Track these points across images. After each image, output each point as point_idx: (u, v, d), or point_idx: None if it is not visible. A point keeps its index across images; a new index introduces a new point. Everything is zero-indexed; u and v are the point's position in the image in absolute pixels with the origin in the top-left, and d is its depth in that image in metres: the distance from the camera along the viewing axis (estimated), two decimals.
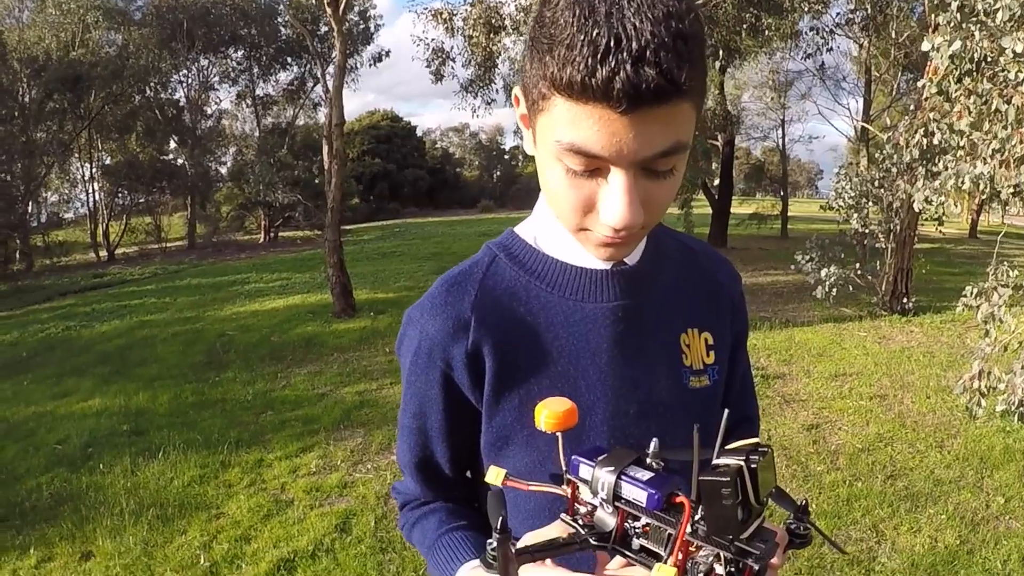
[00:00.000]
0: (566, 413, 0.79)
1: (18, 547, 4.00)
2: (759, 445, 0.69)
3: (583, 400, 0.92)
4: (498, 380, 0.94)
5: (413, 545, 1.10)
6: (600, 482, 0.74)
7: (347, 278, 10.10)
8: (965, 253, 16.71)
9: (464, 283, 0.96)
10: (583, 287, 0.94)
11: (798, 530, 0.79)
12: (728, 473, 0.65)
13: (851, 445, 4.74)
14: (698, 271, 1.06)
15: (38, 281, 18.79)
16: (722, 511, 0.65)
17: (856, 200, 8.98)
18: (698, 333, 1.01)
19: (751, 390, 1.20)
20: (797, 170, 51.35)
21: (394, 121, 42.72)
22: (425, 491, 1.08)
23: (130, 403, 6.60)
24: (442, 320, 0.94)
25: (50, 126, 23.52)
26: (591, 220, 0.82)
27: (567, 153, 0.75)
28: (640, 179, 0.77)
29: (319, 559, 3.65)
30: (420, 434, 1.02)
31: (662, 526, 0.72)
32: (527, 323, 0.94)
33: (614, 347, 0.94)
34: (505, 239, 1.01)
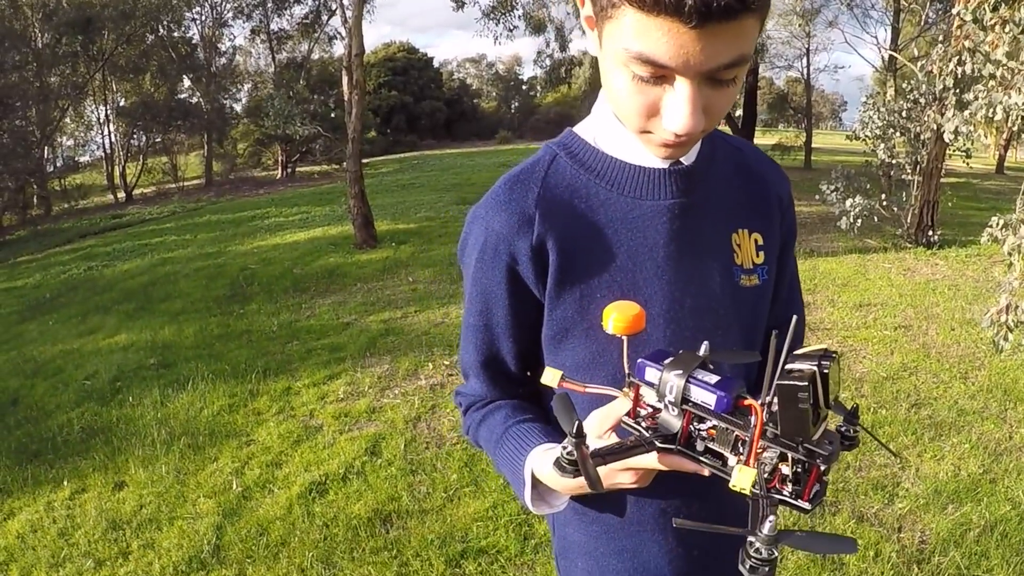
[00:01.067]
0: (635, 317, 0.81)
1: (52, 480, 4.10)
2: (827, 351, 0.70)
3: (641, 293, 0.95)
4: (561, 273, 0.96)
5: (479, 446, 1.12)
6: (668, 385, 0.74)
7: (368, 209, 10.10)
8: (992, 188, 16.40)
9: (527, 180, 0.98)
10: (641, 185, 0.96)
11: (848, 433, 0.79)
12: (804, 378, 0.65)
13: (875, 374, 4.74)
14: (749, 173, 1.07)
15: (57, 225, 18.95)
16: (797, 415, 0.66)
17: (883, 130, 8.81)
18: (748, 233, 1.03)
19: (798, 288, 1.22)
20: (821, 101, 50.34)
21: (410, 53, 42.14)
22: (491, 390, 1.11)
23: (156, 337, 6.69)
24: (507, 215, 0.96)
25: (63, 70, 23.38)
26: (654, 124, 0.83)
27: (634, 61, 0.76)
28: (703, 87, 0.77)
29: (350, 481, 3.73)
30: (486, 331, 1.05)
31: (730, 428, 0.73)
32: (588, 219, 0.96)
33: (671, 243, 0.96)
34: (565, 138, 1.02)
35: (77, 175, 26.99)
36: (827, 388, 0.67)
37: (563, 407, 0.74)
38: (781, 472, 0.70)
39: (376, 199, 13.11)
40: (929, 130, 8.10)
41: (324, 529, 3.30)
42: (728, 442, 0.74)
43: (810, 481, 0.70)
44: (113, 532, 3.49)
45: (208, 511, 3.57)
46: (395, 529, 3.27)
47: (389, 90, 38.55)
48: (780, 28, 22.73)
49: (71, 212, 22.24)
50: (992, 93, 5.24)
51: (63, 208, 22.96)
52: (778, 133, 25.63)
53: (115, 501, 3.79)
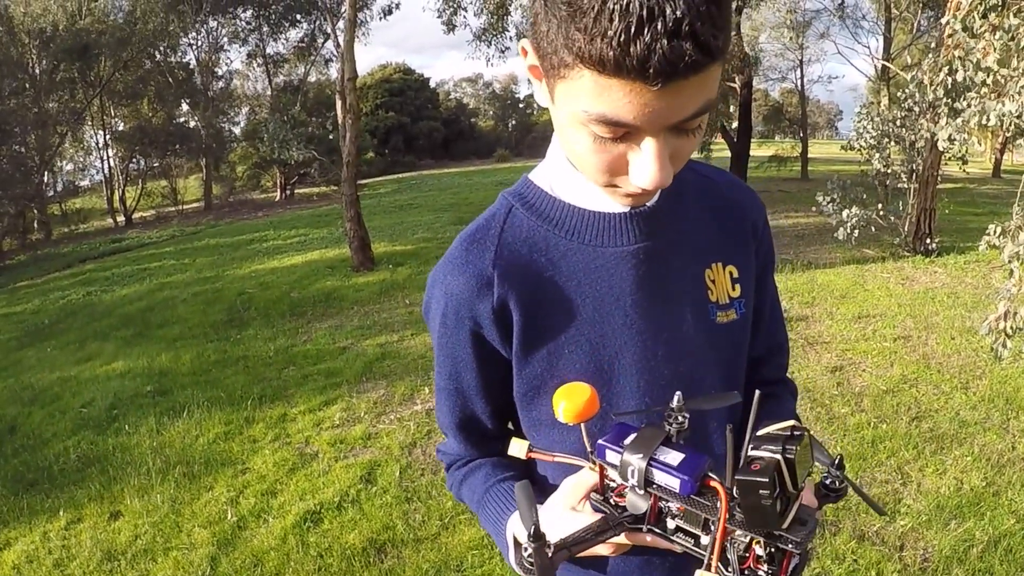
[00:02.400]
0: (587, 403, 0.77)
1: (47, 510, 4.06)
2: (794, 428, 0.65)
3: (610, 345, 0.92)
4: (525, 333, 0.93)
5: (464, 503, 1.10)
6: (630, 469, 0.71)
7: (365, 232, 10.11)
8: (989, 193, 16.38)
9: (483, 239, 0.95)
10: (602, 232, 0.92)
11: (832, 485, 0.76)
12: (765, 471, 0.61)
13: (875, 387, 4.70)
14: (719, 202, 1.03)
15: (57, 249, 18.96)
16: (760, 509, 0.62)
17: (878, 140, 8.80)
18: (722, 267, 0.99)
19: (780, 318, 1.17)
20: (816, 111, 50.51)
21: (406, 74, 42.33)
22: (469, 449, 1.09)
23: (153, 364, 6.66)
24: (465, 279, 0.93)
25: (61, 95, 23.53)
26: (620, 179, 0.80)
27: (595, 123, 0.72)
28: (669, 138, 0.75)
29: (345, 510, 3.68)
30: (458, 394, 1.02)
31: (696, 511, 0.70)
32: (549, 273, 0.93)
33: (637, 290, 0.93)
34: (520, 188, 0.99)
35: (77, 199, 27.07)
36: (794, 472, 0.63)
37: (524, 499, 0.71)
38: (755, 552, 0.67)
39: (373, 220, 13.12)
40: (923, 138, 8.09)
41: (318, 559, 3.26)
42: (698, 522, 0.71)
43: (786, 560, 0.66)
44: (108, 563, 3.44)
45: (203, 541, 3.52)
46: (390, 559, 3.23)
47: (386, 111, 38.69)
48: (773, 41, 22.86)
49: (71, 236, 22.29)
50: (985, 101, 5.23)
51: (63, 232, 23.01)
52: (774, 144, 25.70)
53: (110, 531, 3.75)
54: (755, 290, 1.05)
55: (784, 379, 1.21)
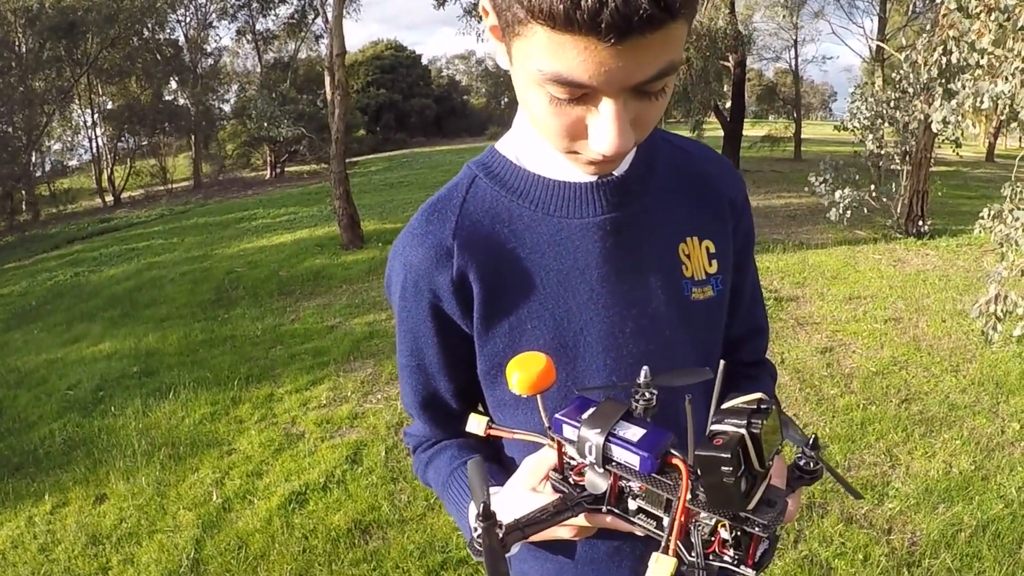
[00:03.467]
0: (541, 373, 0.72)
1: (33, 494, 4.02)
2: (761, 401, 0.60)
3: (575, 321, 0.89)
4: (486, 306, 0.90)
5: (430, 487, 1.06)
6: (588, 445, 0.67)
7: (354, 209, 10.04)
8: (982, 177, 16.37)
9: (444, 209, 0.92)
10: (568, 202, 0.88)
11: (807, 466, 0.72)
12: (728, 446, 0.56)
13: (865, 368, 4.68)
14: (695, 175, 0.98)
15: (45, 230, 18.81)
16: (722, 487, 0.57)
17: (871, 121, 8.77)
18: (698, 241, 0.94)
19: (760, 299, 1.13)
20: (810, 92, 50.34)
21: (398, 51, 41.97)
22: (434, 430, 1.05)
23: (140, 345, 6.61)
24: (424, 249, 0.90)
25: (48, 74, 23.18)
26: (580, 144, 0.76)
27: (550, 83, 0.68)
28: (630, 102, 0.71)
29: (330, 491, 3.66)
30: (420, 372, 0.99)
31: (658, 490, 0.65)
32: (511, 245, 0.89)
33: (604, 263, 0.89)
34: (485, 157, 0.96)
35: (65, 179, 26.76)
36: (760, 449, 0.58)
37: (476, 477, 0.67)
38: (720, 536, 0.62)
39: (363, 198, 13.04)
40: (917, 120, 8.05)
41: (303, 541, 3.23)
42: (660, 502, 0.67)
43: (753, 544, 0.62)
44: (93, 547, 3.41)
45: (188, 524, 3.50)
46: (375, 540, 3.21)
47: (378, 88, 38.40)
48: (767, 20, 22.72)
49: (59, 217, 22.08)
50: (979, 82, 5.19)
51: (51, 213, 22.80)
52: (767, 124, 25.61)
53: (95, 515, 3.72)
54: (734, 269, 1.00)
55: (763, 360, 1.17)
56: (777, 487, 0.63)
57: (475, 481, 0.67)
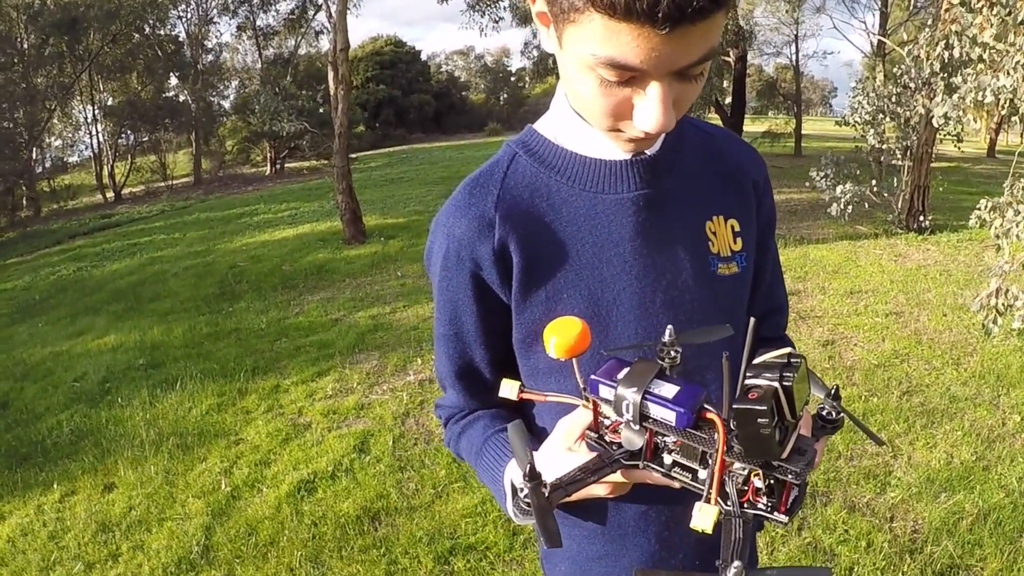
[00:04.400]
0: (578, 337, 0.75)
1: (41, 483, 4.06)
2: (791, 356, 0.63)
3: (609, 290, 0.93)
4: (525, 275, 0.93)
5: (462, 459, 1.10)
6: (625, 403, 0.69)
7: (357, 204, 10.07)
8: (983, 172, 16.36)
9: (486, 183, 0.96)
10: (603, 179, 0.93)
11: (829, 416, 0.74)
12: (763, 399, 0.59)
13: (867, 361, 4.72)
14: (721, 157, 1.03)
15: (46, 226, 18.78)
16: (760, 439, 0.60)
17: (872, 116, 8.79)
18: (724, 220, 0.99)
19: (781, 278, 1.18)
20: (811, 87, 50.31)
21: (398, 46, 41.88)
22: (468, 400, 1.09)
23: (145, 337, 6.64)
24: (467, 220, 0.94)
25: (50, 70, 23.12)
26: (624, 123, 0.82)
27: (603, 66, 0.73)
28: (673, 84, 0.76)
29: (338, 479, 3.70)
30: (457, 340, 1.02)
31: (694, 444, 0.68)
32: (550, 218, 0.94)
33: (637, 236, 0.93)
34: (525, 136, 1.00)
35: (66, 175, 26.74)
36: (792, 401, 0.60)
37: (518, 440, 0.70)
38: (754, 484, 0.65)
39: (364, 194, 13.06)
40: (918, 115, 8.07)
41: (313, 528, 3.27)
42: (695, 456, 0.70)
43: (785, 492, 0.65)
44: (103, 534, 3.45)
45: (197, 512, 3.53)
46: (384, 527, 3.24)
47: (377, 84, 38.33)
48: (768, 15, 22.72)
49: (60, 213, 22.05)
50: (981, 76, 5.21)
51: (52, 209, 22.76)
52: (768, 120, 25.59)
53: (104, 503, 3.76)
54: (757, 248, 1.05)
55: (782, 337, 1.21)
56: (805, 436, 0.66)
57: (517, 444, 0.70)
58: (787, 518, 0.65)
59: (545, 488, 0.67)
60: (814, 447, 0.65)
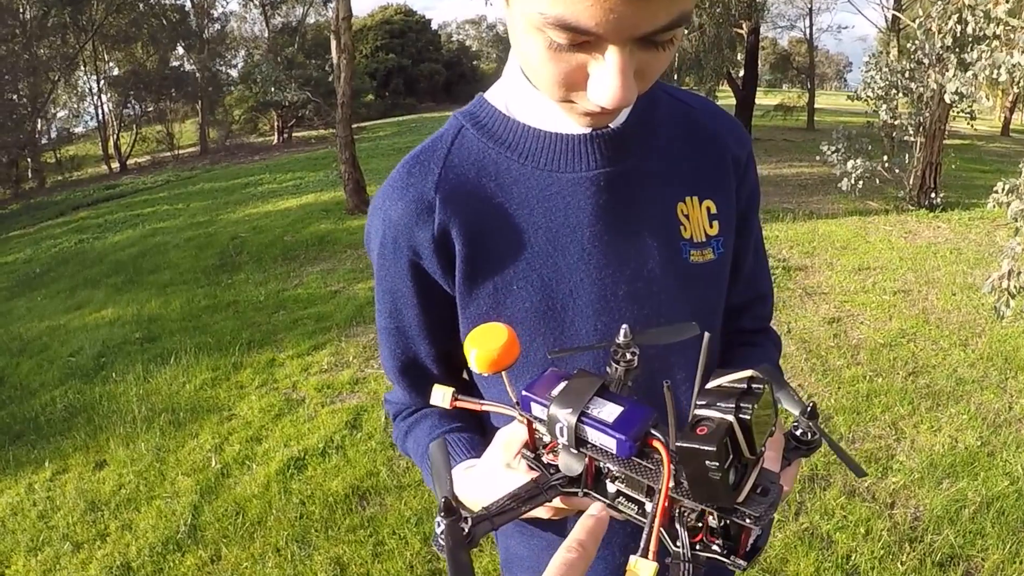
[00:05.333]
0: (503, 349, 0.64)
1: (33, 461, 4.02)
2: (752, 380, 0.51)
3: (565, 282, 0.83)
4: (470, 265, 0.84)
5: (409, 456, 1.01)
6: (558, 426, 0.59)
7: (360, 174, 9.96)
8: (996, 151, 16.12)
9: (427, 161, 0.86)
10: (559, 155, 0.82)
11: (804, 437, 0.65)
12: (713, 437, 0.48)
13: (873, 340, 4.62)
14: (697, 131, 0.91)
15: (50, 197, 18.70)
16: (707, 482, 0.50)
17: (885, 91, 8.61)
18: (699, 201, 0.88)
19: (765, 264, 1.06)
20: (825, 61, 49.72)
21: (408, 15, 41.51)
22: (414, 397, 0.99)
23: (142, 311, 6.59)
24: (404, 204, 0.84)
25: (53, 41, 22.94)
26: (577, 94, 0.70)
27: (552, 27, 0.62)
28: (636, 51, 0.65)
29: (329, 456, 3.64)
30: (399, 335, 0.93)
31: (637, 476, 0.58)
32: (498, 200, 0.83)
33: (597, 220, 0.83)
34: (473, 107, 0.89)
35: (71, 146, 26.65)
36: (751, 436, 0.50)
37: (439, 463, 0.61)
38: (709, 523, 0.55)
39: (371, 163, 12.95)
40: (931, 91, 7.90)
41: (301, 507, 3.22)
42: (640, 487, 0.60)
43: (744, 535, 0.55)
44: (92, 513, 3.41)
45: (186, 489, 3.49)
46: (372, 506, 3.19)
47: (387, 53, 38.02)
48: None
49: (65, 184, 21.97)
50: (995, 53, 5.07)
51: (56, 180, 22.69)
52: (781, 93, 25.32)
53: (95, 481, 3.71)
54: (737, 231, 0.94)
55: (766, 328, 1.10)
56: (770, 471, 0.56)
57: (438, 467, 0.61)
58: (746, 563, 0.55)
59: (466, 523, 0.57)
60: (779, 484, 0.55)
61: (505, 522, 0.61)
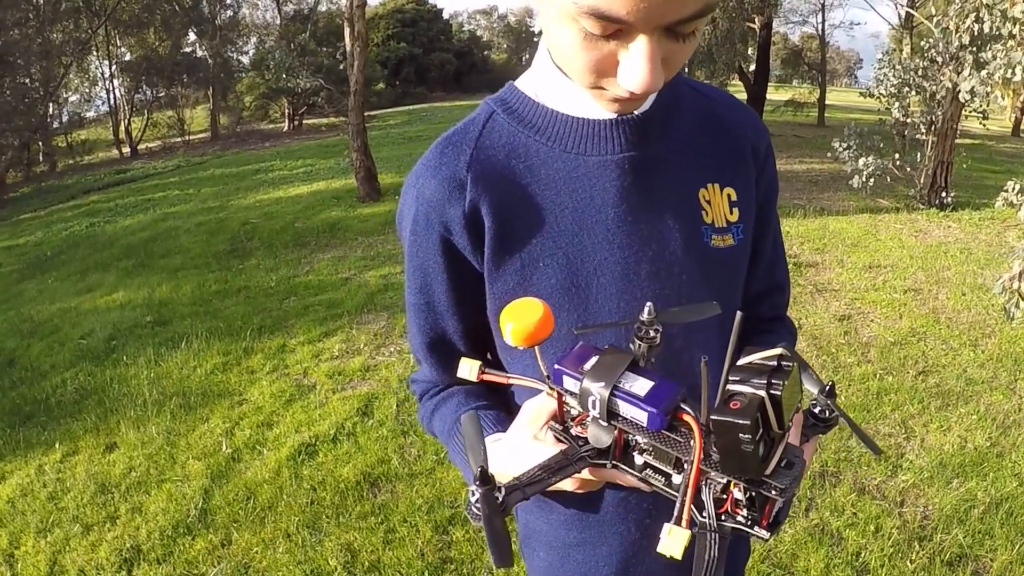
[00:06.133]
0: (538, 324, 0.67)
1: (43, 443, 4.04)
2: (782, 358, 0.55)
3: (590, 259, 0.87)
4: (498, 241, 0.88)
5: (435, 436, 1.04)
6: (591, 399, 0.61)
7: (371, 162, 9.97)
8: (1007, 151, 16.03)
9: (460, 142, 0.89)
10: (586, 139, 0.86)
11: (822, 415, 0.68)
12: (746, 411, 0.51)
13: (883, 338, 4.62)
14: (718, 122, 0.95)
15: (61, 181, 18.76)
16: (739, 455, 0.53)
17: (898, 88, 8.58)
18: (720, 188, 0.92)
19: (782, 255, 1.10)
20: (836, 58, 49.44)
21: (419, 4, 41.42)
22: (441, 374, 1.03)
23: (153, 294, 6.62)
24: (437, 181, 0.88)
25: (66, 26, 22.93)
26: (607, 81, 0.75)
27: (585, 16, 0.67)
28: (662, 40, 0.69)
29: (340, 443, 3.66)
30: (429, 310, 0.97)
31: (667, 448, 0.61)
32: (527, 180, 0.88)
33: (621, 202, 0.86)
34: (504, 93, 0.93)
35: (82, 131, 26.61)
36: (780, 411, 0.53)
37: (472, 434, 0.64)
38: (733, 495, 0.58)
39: (381, 151, 12.95)
40: (945, 89, 7.87)
41: (311, 493, 3.24)
42: (668, 459, 0.62)
43: (768, 505, 0.58)
44: (102, 496, 3.43)
45: (197, 473, 3.51)
46: (383, 493, 3.21)
47: (398, 42, 37.98)
48: None
49: (76, 168, 22.01)
50: (1011, 52, 5.05)
51: (67, 164, 22.72)
52: (792, 89, 25.19)
53: (105, 464, 3.74)
54: (756, 222, 0.97)
55: (782, 317, 1.14)
56: (794, 446, 0.59)
57: (471, 439, 0.64)
58: (769, 534, 0.58)
59: (499, 492, 0.60)
60: (803, 459, 0.58)
61: (535, 492, 0.64)
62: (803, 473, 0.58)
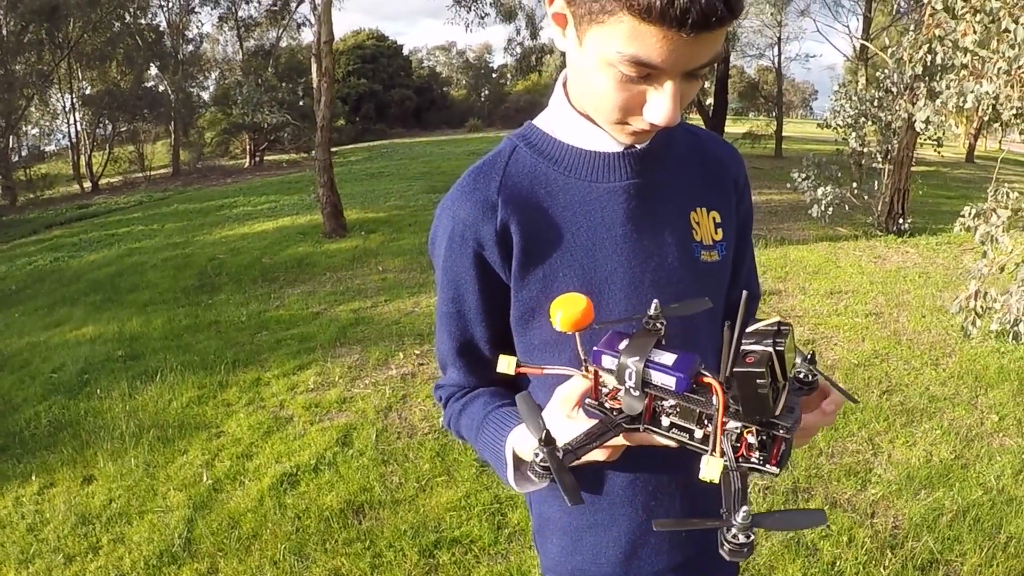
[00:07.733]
0: (583, 313, 0.82)
1: (19, 475, 4.00)
2: (780, 324, 0.73)
3: (602, 270, 1.02)
4: (524, 255, 1.01)
5: (461, 437, 1.16)
6: (628, 371, 0.76)
7: (338, 198, 10.04)
8: (961, 177, 16.60)
9: (490, 171, 1.04)
10: (597, 168, 1.02)
11: (805, 378, 0.82)
12: (760, 362, 0.67)
13: (847, 360, 4.77)
14: (704, 154, 1.12)
15: (22, 215, 18.49)
16: (757, 399, 0.68)
17: (855, 119, 8.88)
18: (706, 211, 1.09)
19: (756, 273, 1.31)
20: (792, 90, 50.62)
21: (380, 40, 41.75)
22: (468, 377, 1.15)
23: (124, 329, 6.57)
24: (472, 204, 1.02)
25: (28, 58, 22.81)
26: (633, 117, 0.91)
27: (626, 63, 0.81)
28: (682, 82, 0.85)
29: (321, 472, 3.68)
30: (459, 318, 1.09)
31: (692, 406, 0.75)
32: (548, 204, 1.02)
33: (627, 221, 1.02)
34: (524, 130, 1.09)
35: (43, 165, 26.29)
36: (784, 363, 0.70)
37: (528, 409, 0.77)
38: (747, 440, 0.73)
39: (345, 187, 12.99)
40: (900, 119, 8.17)
41: (296, 521, 3.26)
42: (692, 416, 0.76)
43: (776, 446, 0.72)
44: (82, 527, 3.41)
45: (178, 504, 3.50)
46: (368, 520, 3.24)
47: (358, 78, 38.18)
48: (752, 17, 22.84)
49: (37, 202, 21.70)
50: (963, 82, 5.27)
51: (28, 199, 22.40)
52: (749, 122, 25.79)
53: (84, 495, 3.71)
54: (736, 244, 1.15)
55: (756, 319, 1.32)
56: (792, 395, 0.75)
57: (528, 413, 0.77)
58: (778, 470, 0.73)
59: (559, 451, 0.74)
60: (799, 407, 0.74)
61: (584, 454, 0.79)
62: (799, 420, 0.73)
